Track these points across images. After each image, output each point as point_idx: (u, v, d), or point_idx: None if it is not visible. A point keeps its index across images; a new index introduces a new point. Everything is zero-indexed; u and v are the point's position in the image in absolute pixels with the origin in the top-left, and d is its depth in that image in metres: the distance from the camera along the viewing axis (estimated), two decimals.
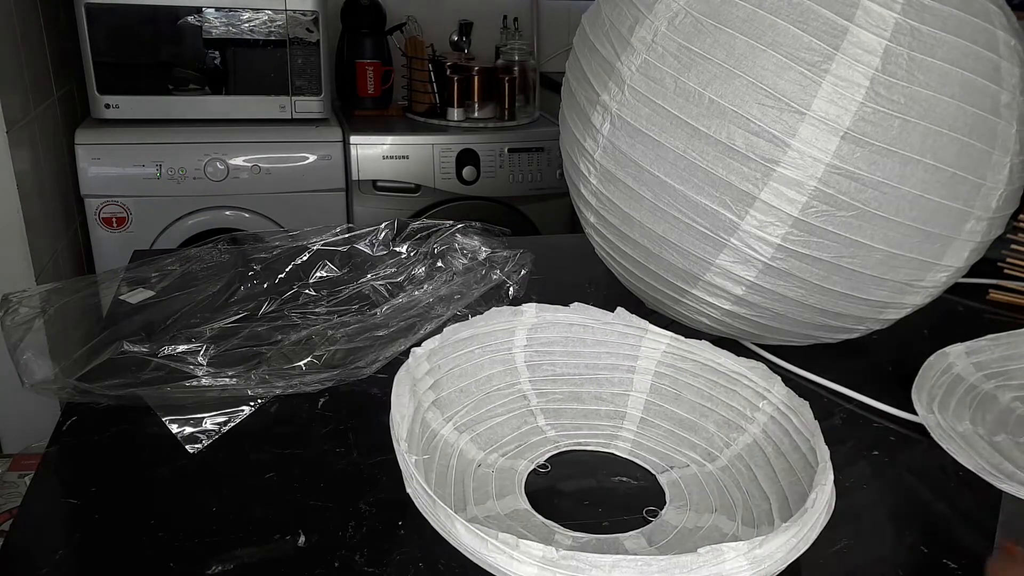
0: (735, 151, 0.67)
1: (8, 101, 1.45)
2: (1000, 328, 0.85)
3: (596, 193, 0.79)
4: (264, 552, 0.55)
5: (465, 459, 0.65)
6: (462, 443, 0.67)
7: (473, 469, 0.65)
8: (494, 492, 0.62)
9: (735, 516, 0.59)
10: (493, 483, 0.63)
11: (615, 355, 0.72)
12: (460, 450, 0.66)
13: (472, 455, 0.66)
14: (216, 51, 1.88)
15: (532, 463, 0.66)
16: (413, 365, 0.65)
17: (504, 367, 0.72)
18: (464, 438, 0.67)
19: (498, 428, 0.69)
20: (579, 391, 0.73)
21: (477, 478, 0.64)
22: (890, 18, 0.65)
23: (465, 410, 0.69)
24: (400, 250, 0.97)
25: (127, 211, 1.83)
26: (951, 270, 0.74)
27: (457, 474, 0.63)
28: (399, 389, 0.61)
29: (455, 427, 0.67)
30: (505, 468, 0.65)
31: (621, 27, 0.74)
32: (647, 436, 0.70)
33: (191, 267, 0.93)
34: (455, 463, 0.64)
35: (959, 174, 0.68)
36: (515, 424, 0.70)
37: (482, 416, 0.69)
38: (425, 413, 0.66)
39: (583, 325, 0.73)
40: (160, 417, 0.69)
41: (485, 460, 0.66)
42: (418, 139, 2.02)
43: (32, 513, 0.59)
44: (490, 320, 0.72)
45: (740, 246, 0.70)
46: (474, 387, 0.70)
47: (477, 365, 0.71)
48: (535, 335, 0.73)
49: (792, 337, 0.81)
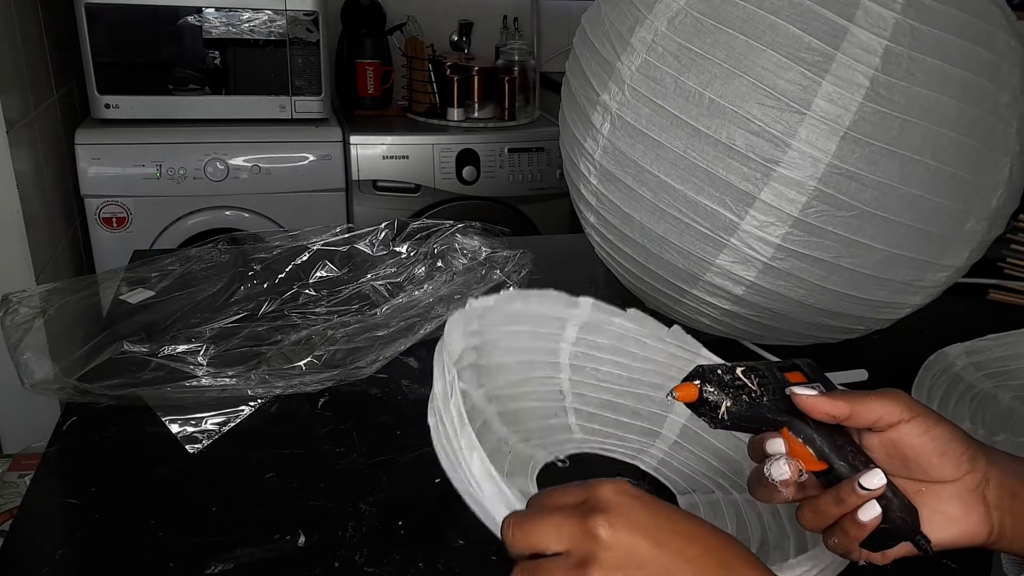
0: (735, 151, 0.67)
1: (8, 101, 1.45)
2: (1000, 328, 0.85)
3: (596, 193, 0.79)
4: (264, 552, 0.55)
5: (488, 429, 0.65)
6: (488, 413, 0.66)
7: (494, 442, 0.64)
8: (505, 469, 0.62)
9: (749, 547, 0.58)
10: (507, 461, 0.63)
11: (662, 375, 0.69)
12: (485, 420, 0.65)
13: (495, 428, 0.65)
14: (216, 51, 1.88)
15: (551, 455, 0.66)
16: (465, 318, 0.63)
17: (548, 357, 0.70)
18: (492, 409, 0.66)
19: (527, 413, 0.68)
20: (617, 401, 0.70)
21: (492, 451, 0.63)
22: (890, 18, 0.65)
23: (501, 384, 0.68)
24: (400, 250, 0.97)
25: (127, 211, 1.82)
26: (951, 270, 0.74)
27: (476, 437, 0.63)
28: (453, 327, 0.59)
29: (486, 396, 0.67)
30: (523, 452, 0.65)
31: (621, 27, 0.74)
32: (676, 458, 0.68)
33: (191, 267, 0.93)
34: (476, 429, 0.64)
35: (959, 174, 0.68)
36: (545, 414, 0.69)
37: (515, 395, 0.68)
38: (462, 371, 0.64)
39: (636, 338, 0.69)
40: (160, 417, 0.69)
41: (506, 437, 0.65)
42: (418, 139, 2.02)
43: (32, 513, 0.59)
44: (544, 301, 0.68)
45: (740, 246, 0.70)
46: (515, 366, 0.69)
47: (524, 346, 0.69)
48: (585, 336, 0.70)
49: (792, 337, 0.81)
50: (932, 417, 0.42)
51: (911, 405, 0.42)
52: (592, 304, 0.69)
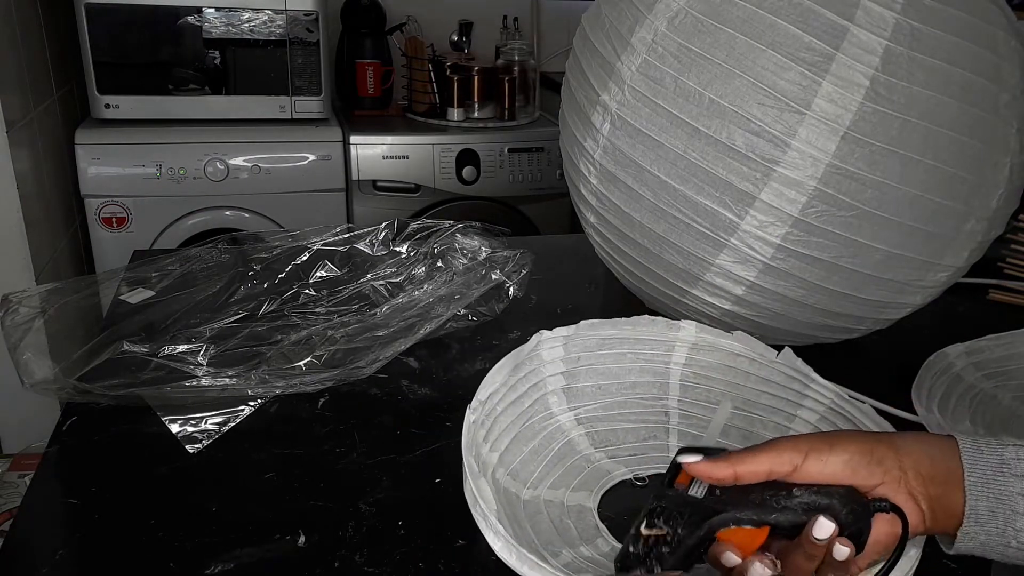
0: (735, 151, 0.67)
1: (8, 101, 1.45)
2: (1000, 328, 0.85)
3: (596, 193, 0.79)
4: (264, 552, 0.55)
5: (570, 446, 0.66)
6: (575, 433, 0.67)
7: (575, 458, 0.65)
8: (572, 484, 0.63)
9: None
10: (580, 477, 0.64)
11: (776, 397, 0.67)
12: (571, 439, 0.66)
13: (581, 447, 0.66)
14: (216, 51, 1.88)
15: (632, 473, 0.66)
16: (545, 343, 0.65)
17: (655, 379, 0.70)
18: (580, 430, 0.67)
19: (622, 432, 0.69)
20: (727, 424, 0.69)
21: (571, 467, 0.65)
22: (890, 18, 0.65)
23: (595, 406, 0.68)
24: (400, 250, 0.97)
25: (127, 211, 1.82)
26: (951, 270, 0.74)
27: (554, 456, 0.64)
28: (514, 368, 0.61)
29: (576, 417, 0.67)
30: (603, 468, 0.66)
31: (621, 27, 0.74)
32: None
33: (191, 267, 0.93)
34: (557, 448, 0.65)
35: (959, 174, 0.68)
36: (643, 435, 0.69)
37: (610, 417, 0.69)
38: (548, 395, 0.66)
39: (749, 359, 0.68)
40: (160, 417, 0.69)
41: (590, 455, 0.66)
42: (418, 139, 2.02)
43: (32, 513, 0.59)
44: (638, 327, 0.70)
45: (740, 246, 0.70)
46: (615, 388, 0.69)
47: (624, 369, 0.70)
48: (696, 356, 0.70)
49: (792, 337, 0.81)
50: (824, 445, 0.43)
51: (798, 446, 0.43)
52: (696, 326, 0.69)
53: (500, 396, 0.62)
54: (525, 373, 0.65)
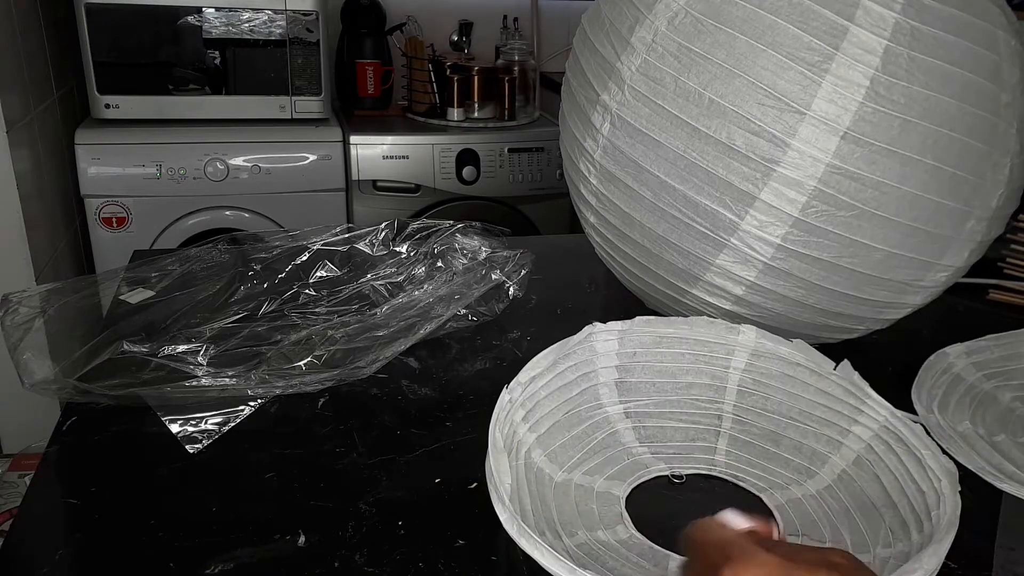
0: (735, 151, 0.67)
1: (8, 101, 1.45)
2: (1000, 328, 0.85)
3: (596, 193, 0.79)
4: (264, 552, 0.55)
5: (614, 437, 0.67)
6: (621, 426, 0.67)
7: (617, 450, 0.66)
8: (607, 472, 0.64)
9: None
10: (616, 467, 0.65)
11: (832, 411, 0.66)
12: (616, 431, 0.67)
13: (626, 440, 0.67)
14: (216, 51, 1.88)
15: (670, 469, 0.66)
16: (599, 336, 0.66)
17: (712, 381, 0.70)
18: (627, 423, 0.67)
19: (670, 430, 0.69)
20: (779, 434, 0.68)
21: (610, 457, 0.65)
22: (890, 18, 0.65)
23: (647, 402, 0.69)
24: (400, 250, 0.97)
25: (127, 211, 1.82)
26: (951, 270, 0.74)
27: (597, 444, 0.65)
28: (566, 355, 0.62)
29: (625, 411, 0.68)
30: (642, 462, 0.66)
31: (621, 27, 0.74)
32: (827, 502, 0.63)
33: (191, 267, 0.93)
34: (601, 437, 0.66)
35: (959, 174, 0.68)
36: (691, 435, 0.69)
37: (661, 414, 0.69)
38: (599, 386, 0.67)
39: (808, 369, 0.68)
40: (160, 417, 0.69)
41: (632, 448, 0.66)
42: (418, 139, 2.02)
43: (32, 513, 0.59)
44: (696, 327, 0.69)
45: (740, 246, 0.70)
46: (669, 387, 0.70)
47: (682, 368, 0.70)
48: (756, 363, 0.69)
49: (792, 337, 0.81)
50: None
51: None
52: (755, 332, 0.69)
53: (545, 381, 0.63)
54: (575, 363, 0.66)
